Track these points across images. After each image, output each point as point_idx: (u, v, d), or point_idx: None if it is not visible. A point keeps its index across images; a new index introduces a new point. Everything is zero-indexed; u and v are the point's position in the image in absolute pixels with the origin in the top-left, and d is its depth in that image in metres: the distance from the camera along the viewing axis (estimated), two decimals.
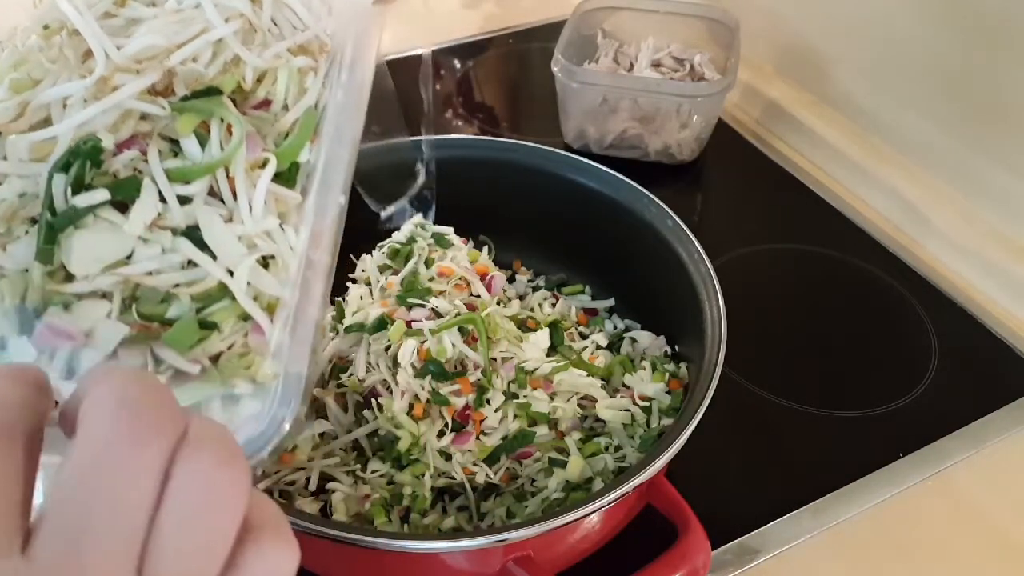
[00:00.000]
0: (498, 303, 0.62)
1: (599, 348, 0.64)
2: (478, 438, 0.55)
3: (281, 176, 0.38)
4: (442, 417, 0.55)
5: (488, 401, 0.56)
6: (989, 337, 0.73)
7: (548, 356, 0.60)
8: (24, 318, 0.33)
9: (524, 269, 0.73)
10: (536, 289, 0.70)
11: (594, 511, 0.46)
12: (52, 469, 0.24)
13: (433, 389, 0.54)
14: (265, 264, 0.36)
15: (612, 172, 0.65)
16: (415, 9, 1.15)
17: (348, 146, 0.41)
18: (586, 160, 0.67)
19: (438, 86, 1.03)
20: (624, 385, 0.60)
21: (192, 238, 0.35)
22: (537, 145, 0.68)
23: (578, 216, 0.67)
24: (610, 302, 0.69)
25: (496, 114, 1.00)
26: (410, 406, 0.55)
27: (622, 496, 0.46)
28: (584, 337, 0.65)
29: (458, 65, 1.06)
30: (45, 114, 0.38)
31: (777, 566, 0.57)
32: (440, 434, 0.55)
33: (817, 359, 0.71)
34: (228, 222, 0.36)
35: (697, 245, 0.59)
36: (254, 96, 0.41)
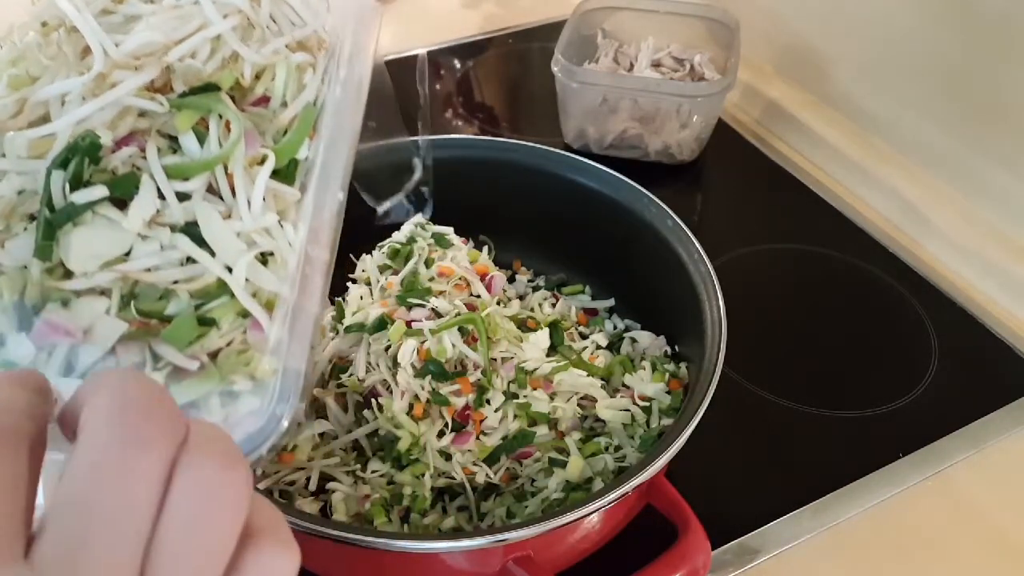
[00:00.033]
0: (498, 303, 0.62)
1: (599, 348, 0.64)
2: (478, 438, 0.55)
3: (280, 173, 0.38)
4: (442, 417, 0.55)
5: (488, 401, 0.56)
6: (989, 337, 0.73)
7: (548, 356, 0.60)
8: (23, 315, 0.33)
9: (524, 269, 0.73)
10: (536, 289, 0.70)
11: (594, 511, 0.46)
12: (52, 467, 0.24)
13: (433, 389, 0.54)
14: (264, 261, 0.36)
15: (612, 172, 0.65)
16: (415, 9, 1.15)
17: (347, 142, 0.41)
18: (586, 160, 0.67)
19: (438, 86, 1.03)
20: (624, 385, 0.60)
21: (191, 234, 0.35)
22: (537, 145, 0.68)
23: (578, 216, 0.67)
24: (610, 302, 0.69)
25: (496, 114, 1.00)
26: (410, 406, 0.54)
27: (622, 496, 0.46)
28: (584, 337, 0.65)
29: (458, 65, 1.06)
30: (43, 111, 0.38)
31: (777, 566, 0.57)
32: (440, 434, 0.55)
33: (817, 359, 0.71)
34: (227, 219, 0.36)
35: (697, 245, 0.59)
36: (252, 93, 0.40)
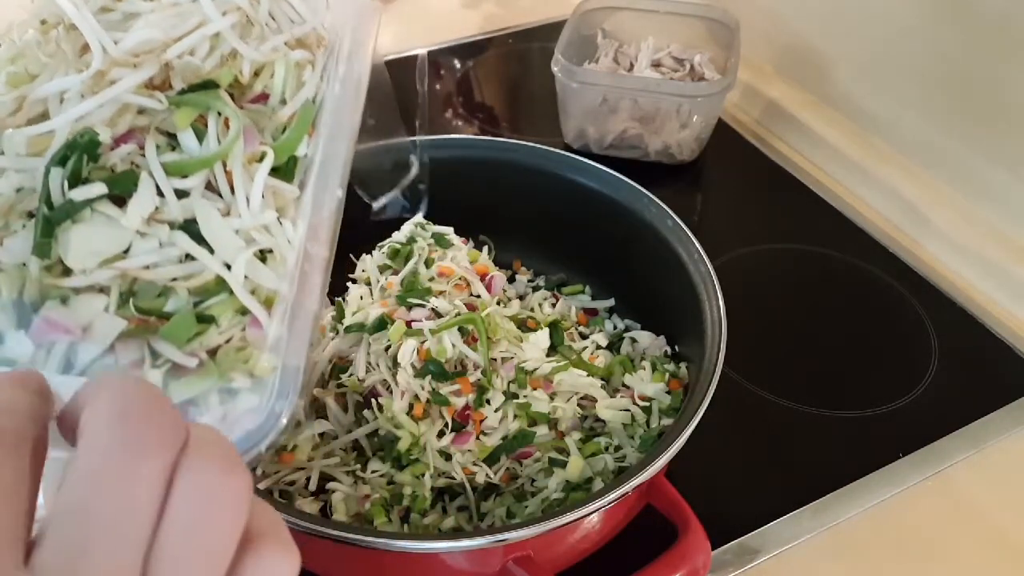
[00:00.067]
0: (498, 303, 0.62)
1: (599, 348, 0.64)
2: (478, 438, 0.55)
3: (279, 170, 0.38)
4: (442, 417, 0.55)
5: (488, 401, 0.56)
6: (989, 337, 0.73)
7: (548, 356, 0.60)
8: (22, 312, 0.33)
9: (524, 269, 0.73)
10: (536, 289, 0.70)
11: (594, 511, 0.46)
12: (53, 464, 0.24)
13: (433, 389, 0.54)
14: (263, 258, 0.36)
15: (612, 172, 0.65)
16: (415, 9, 1.15)
17: (346, 139, 0.41)
18: (586, 160, 0.67)
19: (438, 86, 1.03)
20: (624, 385, 0.60)
21: (190, 232, 0.35)
22: (537, 145, 0.68)
23: (578, 216, 0.67)
24: (610, 302, 0.69)
25: (496, 114, 1.00)
26: (410, 406, 0.54)
27: (622, 496, 0.46)
28: (584, 337, 0.65)
29: (458, 65, 1.06)
30: (42, 109, 0.38)
31: (777, 566, 0.57)
32: (440, 434, 0.55)
33: (817, 359, 0.71)
34: (226, 216, 0.36)
35: (697, 245, 0.59)
36: (251, 90, 0.40)
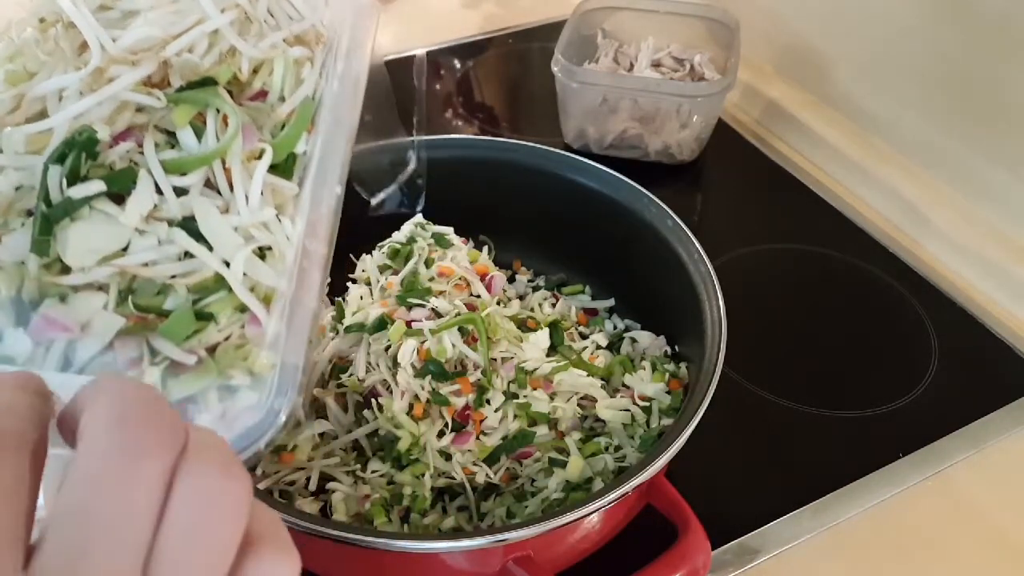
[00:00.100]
0: (498, 303, 0.62)
1: (599, 348, 0.64)
2: (478, 438, 0.55)
3: (278, 167, 0.38)
4: (442, 417, 0.55)
5: (488, 401, 0.56)
6: (989, 337, 0.73)
7: (548, 356, 0.60)
8: (20, 310, 0.33)
9: (524, 269, 0.73)
10: (536, 289, 0.70)
11: (594, 511, 0.46)
12: (53, 460, 0.24)
13: (433, 389, 0.54)
14: (262, 255, 0.36)
15: (612, 172, 0.65)
16: (415, 9, 1.15)
17: (344, 136, 0.41)
18: (586, 160, 0.67)
19: (438, 86, 1.03)
20: (624, 385, 0.60)
21: (188, 229, 0.35)
22: (537, 145, 0.68)
23: (578, 216, 0.67)
24: (610, 302, 0.69)
25: (496, 114, 1.00)
26: (410, 406, 0.54)
27: (622, 496, 0.46)
28: (584, 337, 0.65)
29: (458, 65, 1.06)
30: (41, 107, 0.38)
31: (777, 566, 0.57)
32: (440, 434, 0.55)
33: (817, 359, 0.71)
34: (225, 213, 0.36)
35: (697, 245, 0.59)
36: (250, 87, 0.40)
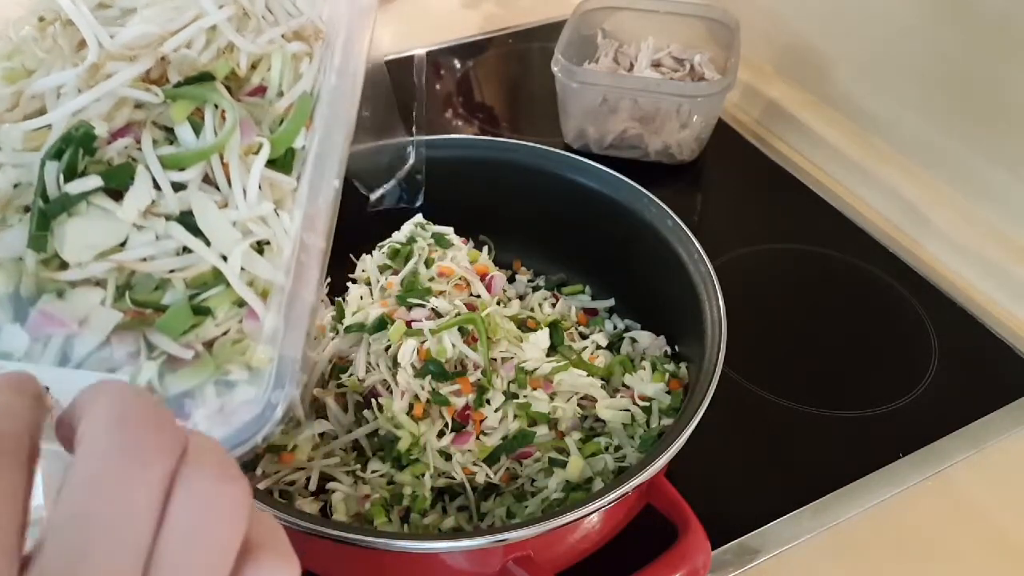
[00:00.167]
0: (498, 303, 0.62)
1: (599, 348, 0.64)
2: (478, 438, 0.55)
3: (277, 162, 0.38)
4: (442, 417, 0.55)
5: (488, 401, 0.56)
6: (989, 337, 0.73)
7: (548, 356, 0.60)
8: (18, 306, 0.33)
9: (524, 269, 0.73)
10: (536, 289, 0.70)
11: (594, 511, 0.46)
12: (53, 464, 0.24)
13: (433, 389, 0.54)
14: (260, 250, 0.36)
15: (612, 172, 0.65)
16: (415, 9, 1.15)
17: (342, 130, 0.41)
18: (586, 160, 0.67)
19: (438, 86, 1.03)
20: (624, 385, 0.60)
21: (186, 224, 0.35)
22: (537, 145, 0.68)
23: (578, 216, 0.67)
24: (610, 302, 0.69)
25: (496, 114, 1.00)
26: (410, 406, 0.55)
27: (622, 496, 0.46)
28: (584, 337, 0.65)
29: (458, 65, 1.06)
30: (39, 104, 0.38)
31: (777, 566, 0.57)
32: (440, 434, 0.55)
33: (817, 359, 0.71)
34: (223, 208, 0.36)
35: (697, 245, 0.59)
36: (248, 83, 0.40)
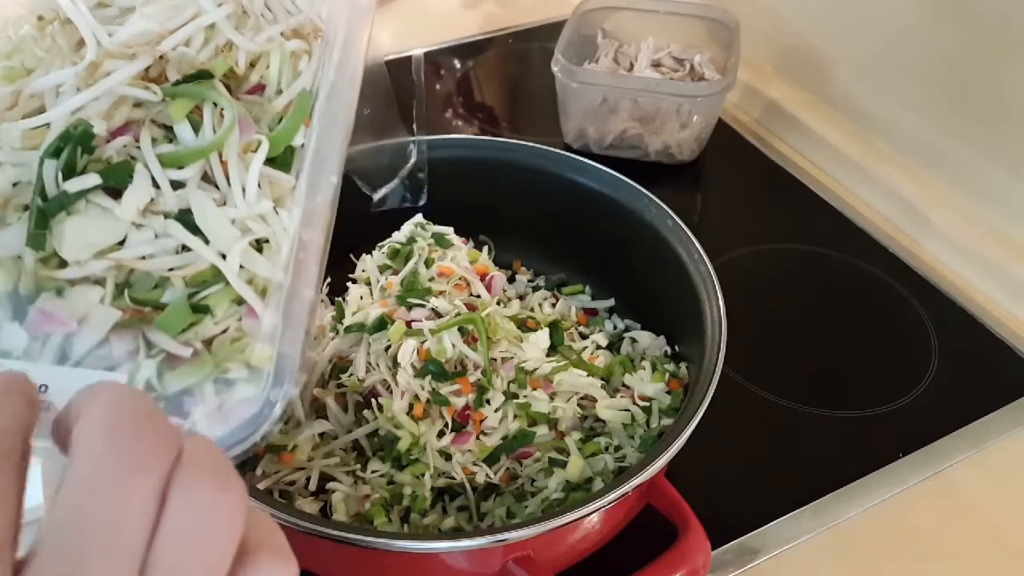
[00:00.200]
0: (498, 303, 0.62)
1: (599, 348, 0.64)
2: (478, 438, 0.55)
3: (276, 160, 0.38)
4: (442, 417, 0.55)
5: (488, 401, 0.56)
6: (989, 337, 0.73)
7: (548, 356, 0.60)
8: (17, 304, 0.33)
9: (524, 269, 0.73)
10: (536, 289, 0.70)
11: (594, 511, 0.46)
12: (54, 464, 0.24)
13: (433, 389, 0.54)
14: (259, 247, 0.36)
15: (612, 172, 0.65)
16: (415, 9, 1.15)
17: (341, 128, 0.41)
18: (586, 160, 0.67)
19: (438, 86, 1.03)
20: (624, 385, 0.60)
21: (185, 222, 0.35)
22: (537, 145, 0.68)
23: (578, 216, 0.67)
24: (610, 302, 0.69)
25: (496, 114, 1.00)
26: (410, 406, 0.55)
27: (622, 496, 0.46)
28: (584, 337, 0.65)
29: (458, 65, 1.06)
30: (39, 103, 0.38)
31: (777, 566, 0.57)
32: (440, 434, 0.55)
33: (817, 359, 0.71)
34: (222, 206, 0.36)
35: (697, 245, 0.59)
36: (247, 81, 0.40)
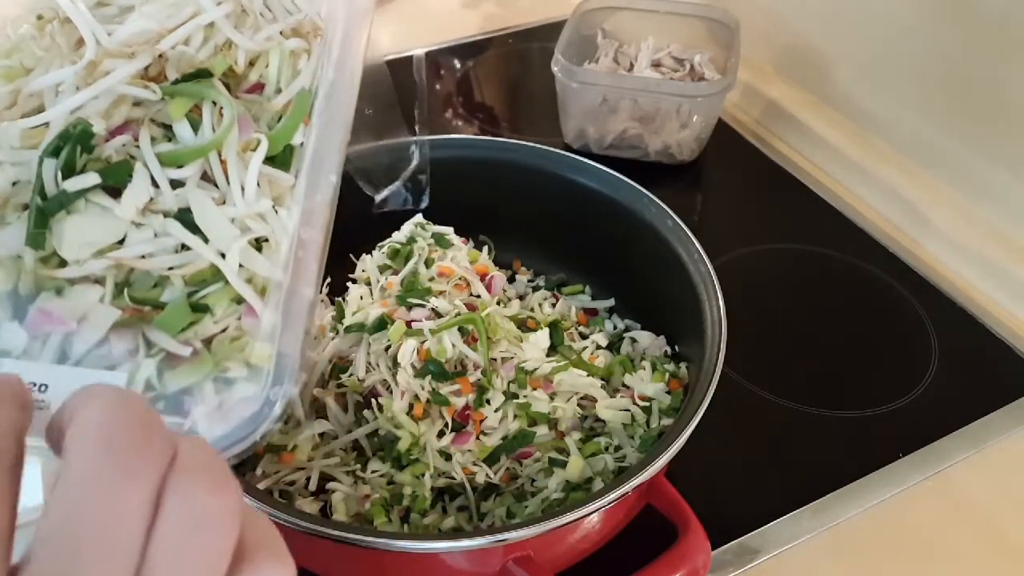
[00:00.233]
0: (498, 303, 0.62)
1: (599, 348, 0.64)
2: (478, 438, 0.55)
3: (276, 159, 0.38)
4: (442, 417, 0.55)
5: (488, 401, 0.56)
6: (989, 337, 0.73)
7: (548, 356, 0.60)
8: (17, 304, 0.33)
9: (524, 269, 0.73)
10: (536, 289, 0.70)
11: (594, 511, 0.46)
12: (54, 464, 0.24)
13: (433, 389, 0.54)
14: (258, 246, 0.36)
15: (612, 172, 0.65)
16: (415, 9, 1.15)
17: (340, 126, 0.41)
18: (586, 160, 0.67)
19: (438, 86, 1.03)
20: (624, 385, 0.60)
21: (184, 221, 0.35)
22: (537, 145, 0.68)
23: (578, 216, 0.67)
24: (610, 302, 0.69)
25: (496, 114, 1.00)
26: (410, 406, 0.55)
27: (622, 496, 0.46)
28: (584, 337, 0.65)
29: (458, 65, 1.06)
30: (38, 102, 0.38)
31: (777, 566, 0.57)
32: (440, 434, 0.55)
33: (817, 359, 0.71)
34: (221, 205, 0.36)
35: (697, 245, 0.59)
36: (246, 80, 0.40)
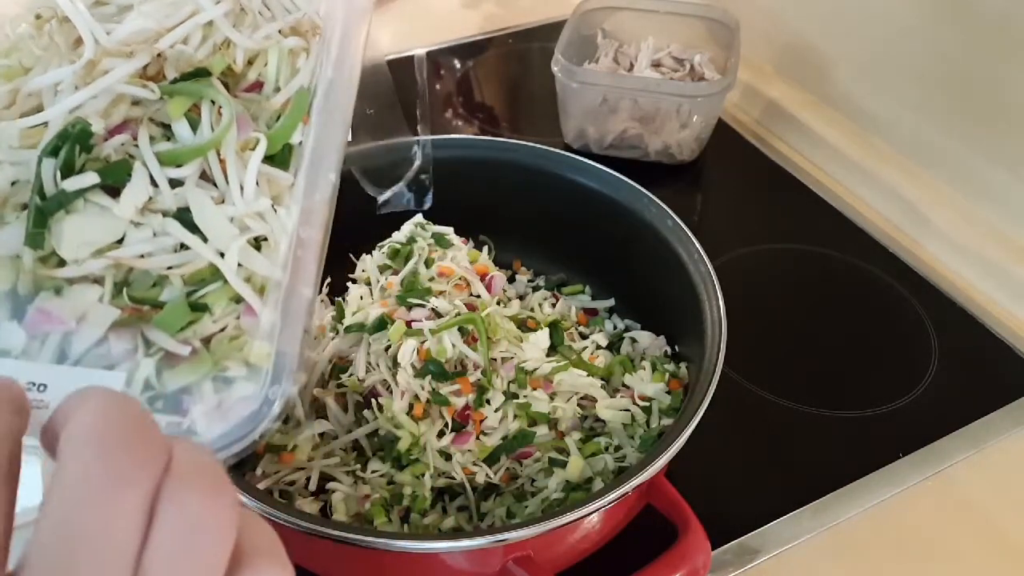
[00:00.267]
0: (498, 303, 0.62)
1: (599, 348, 0.64)
2: (478, 438, 0.55)
3: (275, 158, 0.38)
4: (442, 417, 0.55)
5: (488, 401, 0.56)
6: (989, 337, 0.73)
7: (548, 356, 0.60)
8: (16, 304, 0.33)
9: (524, 269, 0.73)
10: (536, 289, 0.70)
11: (594, 511, 0.46)
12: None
13: (433, 389, 0.54)
14: (257, 245, 0.36)
15: (612, 172, 0.65)
16: (415, 9, 1.15)
17: (340, 124, 0.41)
18: (586, 160, 0.67)
19: (438, 86, 1.03)
20: (624, 385, 0.60)
21: (183, 220, 0.35)
22: (537, 145, 0.68)
23: (578, 216, 0.67)
24: (610, 302, 0.69)
25: (496, 114, 1.00)
26: (410, 406, 0.55)
27: (622, 496, 0.46)
28: (584, 337, 0.65)
29: (458, 65, 1.06)
30: (36, 101, 0.38)
31: (777, 566, 0.57)
32: (440, 434, 0.55)
33: (817, 359, 0.71)
34: (220, 204, 0.36)
35: (697, 245, 0.59)
36: (245, 79, 0.40)
